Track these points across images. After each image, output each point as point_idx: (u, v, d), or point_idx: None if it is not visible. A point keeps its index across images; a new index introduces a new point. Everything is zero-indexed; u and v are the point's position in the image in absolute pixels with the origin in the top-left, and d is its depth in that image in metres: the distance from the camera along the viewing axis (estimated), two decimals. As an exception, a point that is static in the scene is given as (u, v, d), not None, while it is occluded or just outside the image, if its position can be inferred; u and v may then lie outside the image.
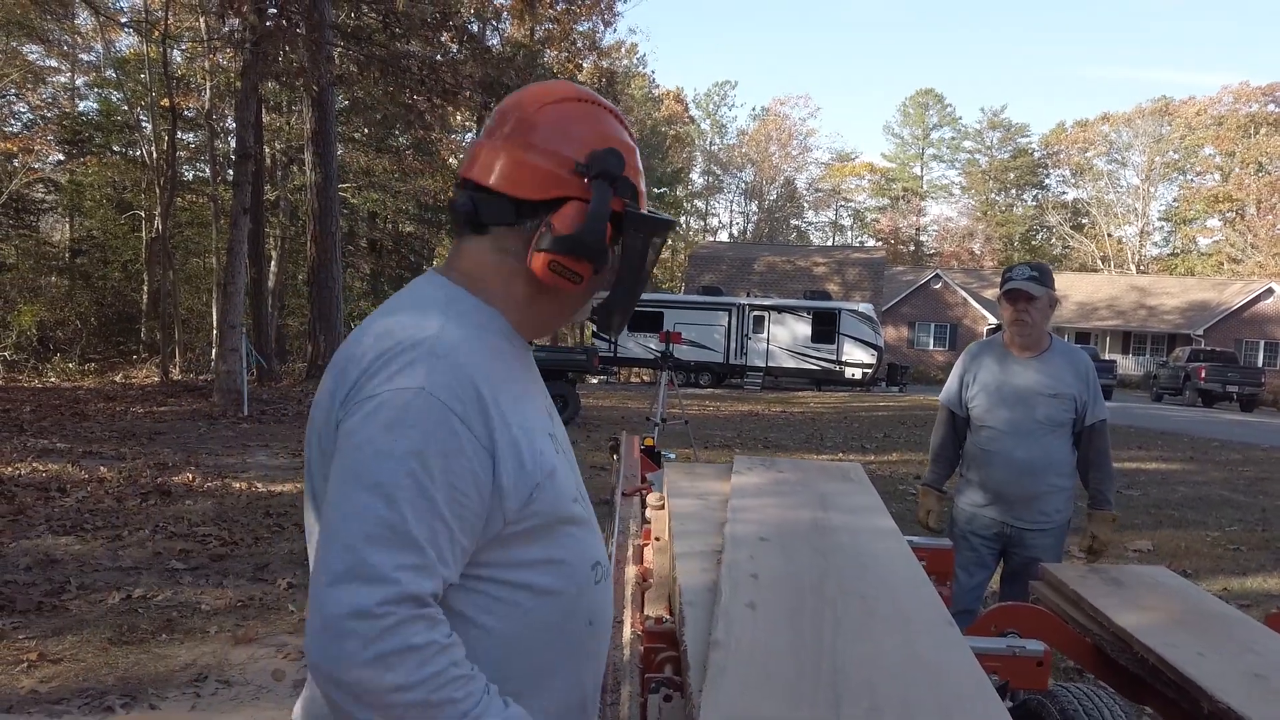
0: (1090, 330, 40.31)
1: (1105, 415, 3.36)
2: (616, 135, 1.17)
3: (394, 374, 1.01)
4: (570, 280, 1.11)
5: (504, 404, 1.05)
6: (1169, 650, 2.09)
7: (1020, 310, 3.26)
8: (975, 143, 63.94)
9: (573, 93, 1.17)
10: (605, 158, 1.12)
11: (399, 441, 0.97)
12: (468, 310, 1.12)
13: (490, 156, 1.13)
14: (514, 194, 1.11)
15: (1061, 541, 3.45)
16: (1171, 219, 57.15)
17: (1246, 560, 6.62)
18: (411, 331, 1.05)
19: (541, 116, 1.14)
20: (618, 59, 40.52)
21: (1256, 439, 15.39)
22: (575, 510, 1.15)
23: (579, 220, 1.10)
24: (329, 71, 12.53)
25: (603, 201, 1.11)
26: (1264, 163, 47.06)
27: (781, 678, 1.40)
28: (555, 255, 1.10)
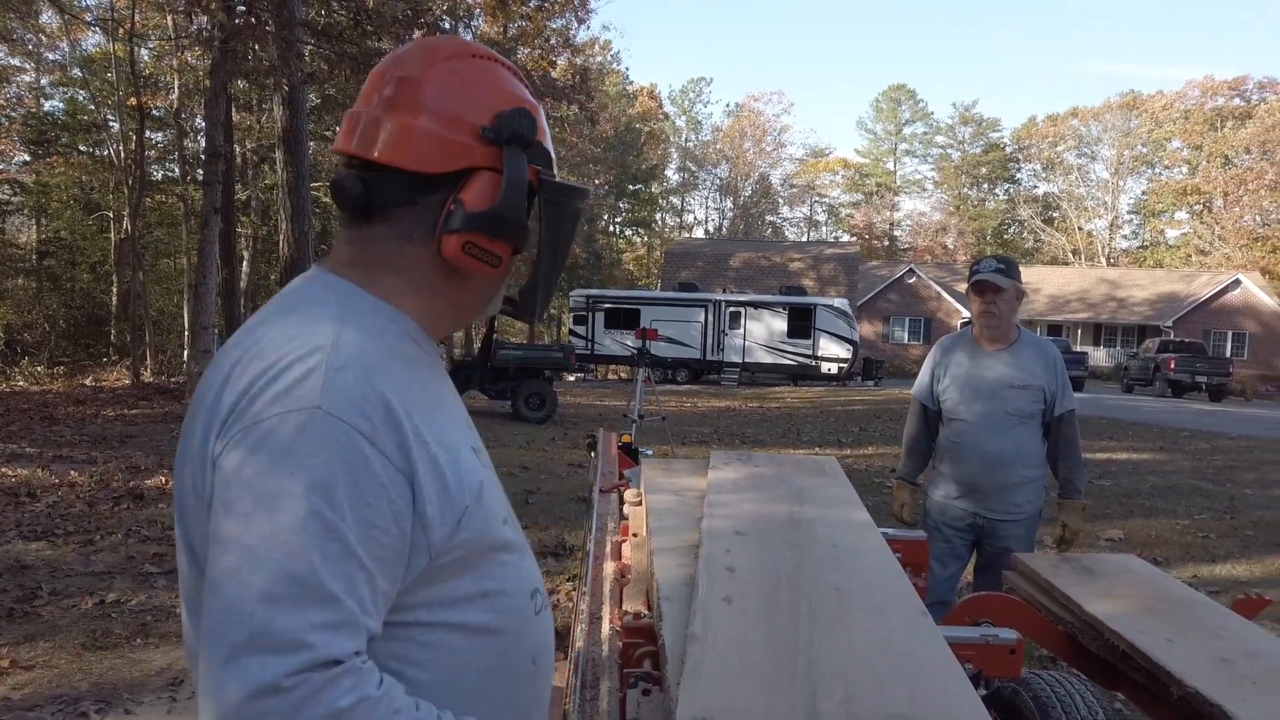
0: (1062, 323, 40.75)
1: (1074, 406, 3.39)
2: (520, 94, 1.02)
3: (281, 394, 0.84)
4: (487, 263, 0.97)
5: (419, 418, 0.90)
6: (1139, 637, 2.13)
7: (988, 302, 3.30)
8: (947, 138, 64.46)
9: (463, 48, 1.01)
10: (515, 119, 0.97)
11: (296, 474, 0.80)
12: (366, 311, 0.96)
13: (372, 126, 0.96)
14: (409, 168, 0.95)
15: (1033, 532, 3.49)
16: (1140, 212, 57.88)
17: (1215, 547, 6.73)
18: (299, 341, 0.88)
19: (431, 76, 0.97)
20: (592, 56, 40.45)
21: (1224, 428, 15.63)
22: (506, 534, 1.00)
23: (494, 193, 0.96)
24: (299, 69, 12.40)
25: (519, 170, 0.96)
26: (1230, 156, 47.76)
27: (757, 670, 1.41)
28: (470, 235, 0.95)
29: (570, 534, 6.22)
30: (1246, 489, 9.31)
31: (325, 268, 1.02)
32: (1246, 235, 45.87)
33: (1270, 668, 1.99)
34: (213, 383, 0.91)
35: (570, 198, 1.03)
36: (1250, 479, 9.99)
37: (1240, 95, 51.36)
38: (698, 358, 26.28)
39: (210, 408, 0.89)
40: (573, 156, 36.41)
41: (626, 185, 49.61)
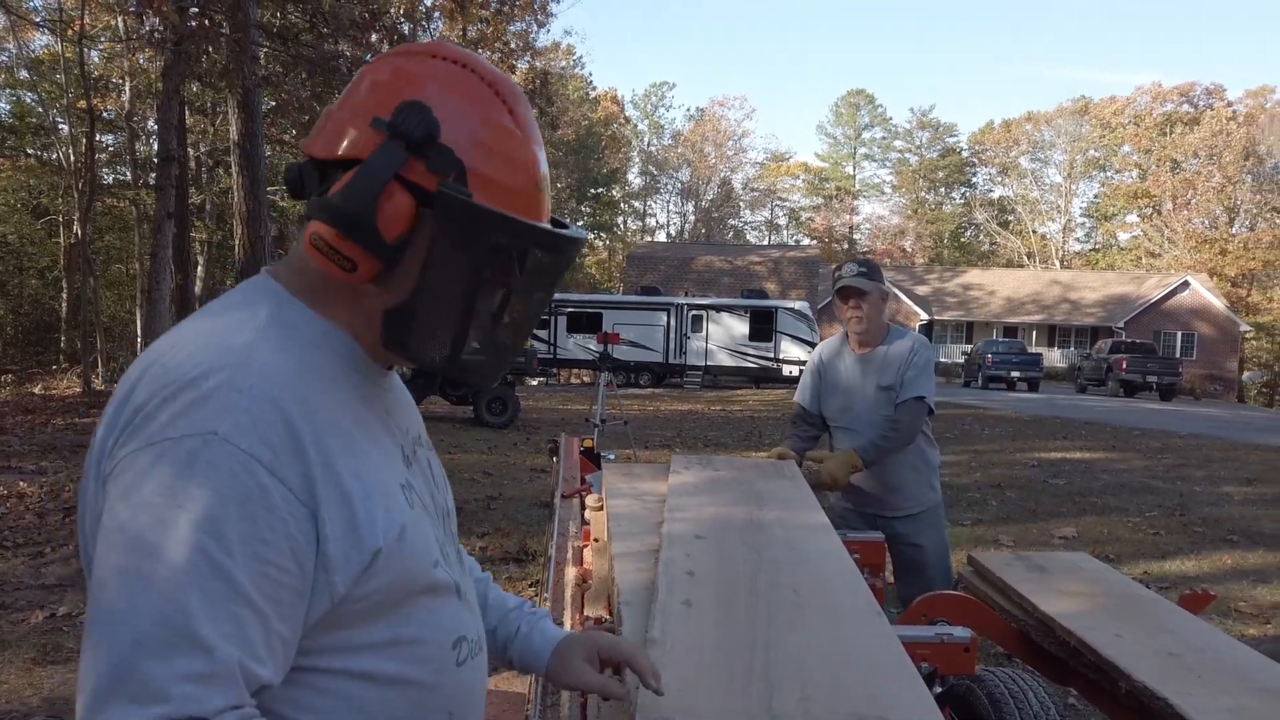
0: (1016, 324, 41.45)
1: (920, 394, 3.27)
2: (449, 94, 0.87)
3: (177, 415, 0.77)
4: (337, 264, 0.85)
5: (333, 447, 0.83)
6: (1089, 633, 2.18)
7: (853, 307, 3.32)
8: (905, 142, 65.31)
9: (428, 48, 0.91)
10: (404, 110, 0.84)
11: (185, 506, 0.74)
12: (296, 323, 0.88)
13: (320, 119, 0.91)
14: (312, 154, 0.88)
15: (938, 524, 3.47)
16: (1093, 215, 59.13)
17: (1165, 544, 6.88)
18: (207, 354, 0.81)
19: (375, 68, 0.91)
20: (553, 60, 40.39)
21: (1175, 427, 15.99)
22: (435, 577, 0.91)
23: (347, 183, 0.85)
24: (254, 72, 12.25)
25: (378, 161, 0.83)
26: (1178, 160, 48.92)
27: (716, 672, 1.43)
28: (316, 225, 0.84)
29: (532, 539, 6.20)
30: (1195, 486, 9.54)
31: (271, 269, 0.94)
32: (1195, 238, 47.00)
33: (1215, 661, 2.05)
34: (125, 383, 0.84)
35: (478, 224, 0.85)
36: (1199, 476, 10.23)
37: (1188, 101, 52.70)
38: (660, 361, 26.35)
39: (114, 413, 0.83)
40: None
41: (588, 189, 49.63)
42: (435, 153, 0.85)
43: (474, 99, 0.88)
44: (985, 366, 28.83)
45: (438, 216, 0.85)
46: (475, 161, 0.86)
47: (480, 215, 0.85)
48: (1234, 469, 10.88)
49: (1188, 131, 49.13)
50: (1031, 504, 8.19)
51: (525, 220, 0.87)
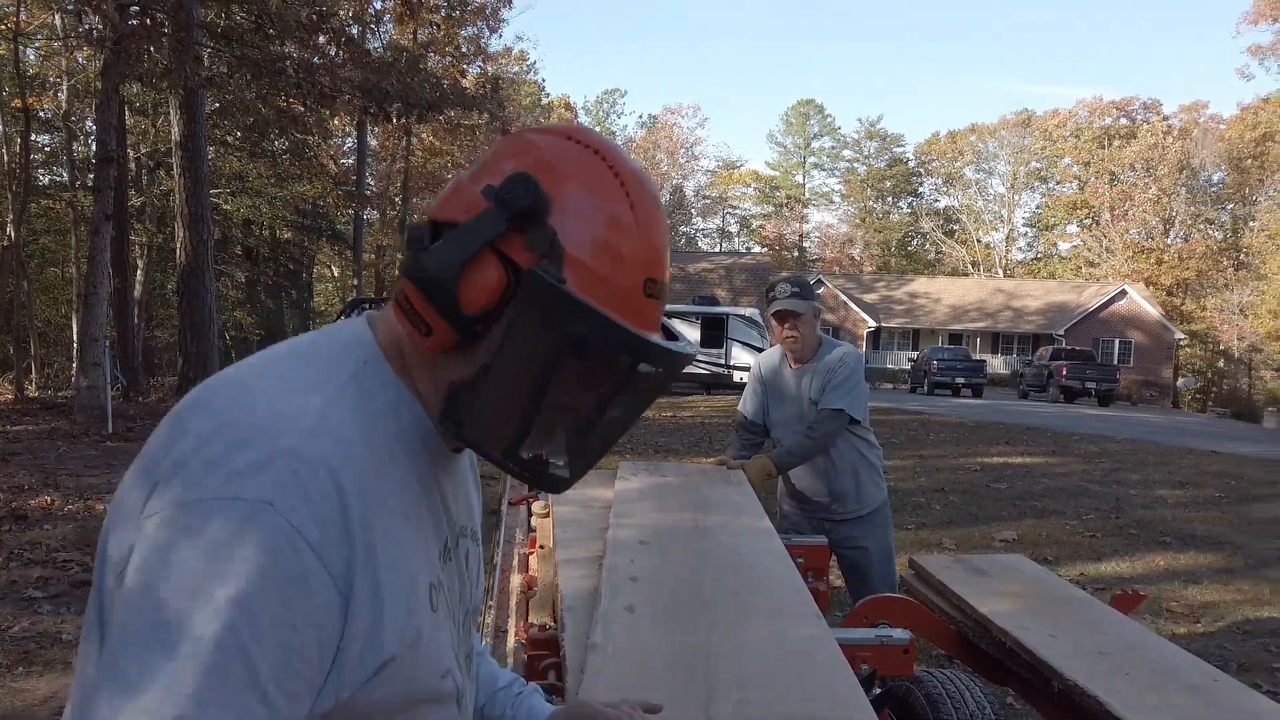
0: (961, 332, 42.23)
1: (838, 406, 3.31)
2: (570, 175, 0.81)
3: (235, 474, 0.71)
4: (415, 325, 0.80)
5: (377, 531, 0.77)
6: (1023, 633, 2.23)
7: (789, 328, 3.38)
8: (854, 152, 66.23)
9: (565, 129, 0.85)
10: (512, 180, 0.79)
11: (223, 578, 0.68)
12: (374, 387, 0.81)
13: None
14: (429, 214, 0.84)
15: (885, 526, 3.54)
16: (1035, 225, 60.52)
17: (1101, 546, 7.06)
18: (276, 407, 0.75)
19: (506, 140, 0.87)
20: (506, 65, 40.25)
21: (1112, 432, 16.42)
22: (442, 688, 0.85)
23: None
24: (197, 73, 12.01)
25: (474, 228, 0.78)
26: (1116, 172, 50.30)
27: (657, 676, 1.44)
28: (406, 283, 0.80)
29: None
30: (1131, 490, 9.81)
31: (372, 315, 0.88)
32: (1132, 248, 48.35)
33: (1144, 659, 2.11)
34: (176, 421, 0.77)
35: (564, 312, 0.76)
36: (1134, 480, 10.52)
37: (1126, 115, 54.25)
38: (611, 367, 26.33)
39: (158, 452, 0.75)
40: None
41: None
42: (536, 229, 0.78)
43: (594, 184, 0.81)
44: (931, 373, 29.33)
45: (523, 296, 0.77)
46: (578, 248, 0.79)
47: (568, 303, 0.76)
48: (1168, 473, 11.20)
49: (1125, 145, 50.56)
50: (974, 508, 8.34)
51: (619, 320, 0.78)
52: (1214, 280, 45.64)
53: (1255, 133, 44.56)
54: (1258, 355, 41.80)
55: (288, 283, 26.98)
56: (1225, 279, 44.74)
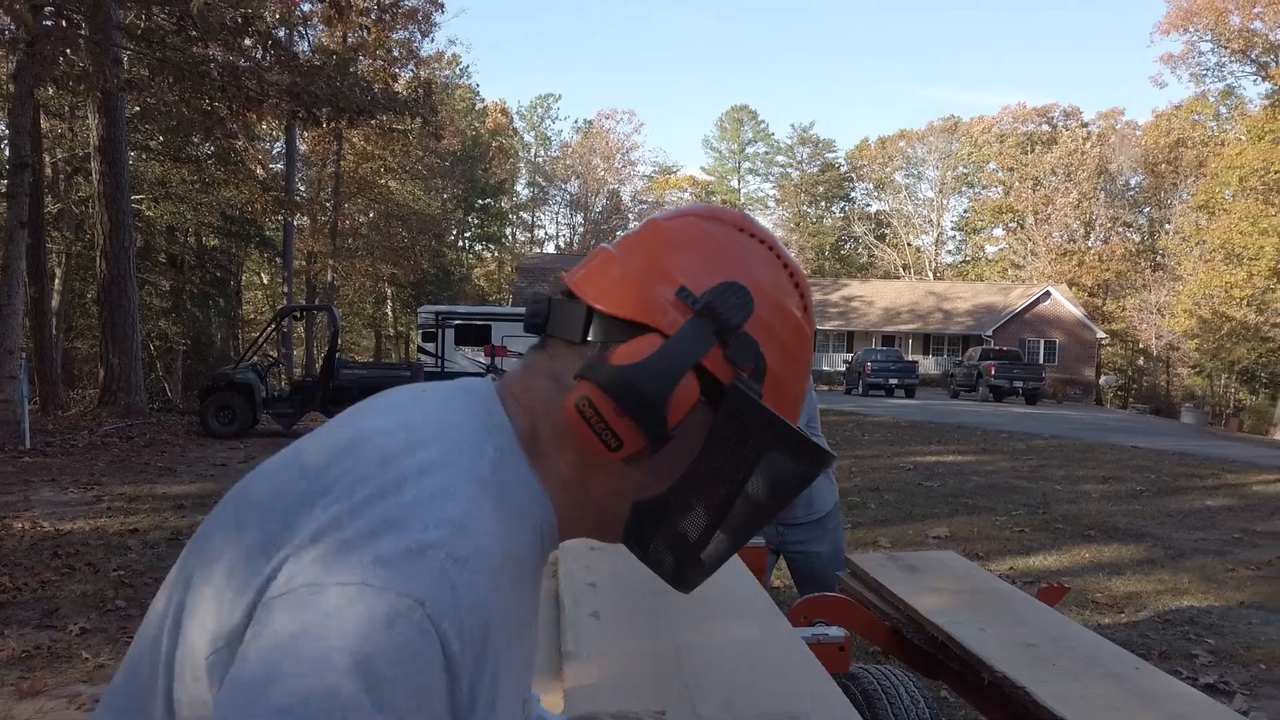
0: (894, 333, 43.05)
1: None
2: (769, 286, 0.78)
3: (383, 559, 0.62)
4: (599, 436, 0.72)
5: (503, 651, 0.69)
6: (954, 628, 2.28)
7: None
8: (787, 157, 67.13)
9: (741, 220, 0.81)
10: (723, 290, 0.74)
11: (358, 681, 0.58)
12: (512, 485, 0.73)
13: (598, 258, 0.80)
14: (589, 299, 0.76)
15: (836, 530, 3.57)
16: (963, 229, 62.05)
17: (1029, 541, 7.26)
18: (428, 494, 0.67)
19: (673, 225, 0.80)
20: (438, 70, 39.86)
21: (1039, 429, 16.90)
22: None
23: (645, 355, 0.72)
24: (117, 76, 11.63)
25: (689, 343, 0.72)
26: (1039, 178, 51.84)
27: (641, 679, 1.47)
28: (592, 389, 0.72)
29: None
30: (1057, 485, 10.10)
31: (502, 389, 0.80)
32: (1055, 251, 49.85)
33: (1069, 650, 2.17)
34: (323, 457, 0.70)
35: (767, 434, 0.74)
36: (1060, 476, 10.84)
37: (1048, 121, 55.95)
38: (550, 373, 26.18)
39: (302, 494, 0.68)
40: (419, 170, 35.72)
41: (475, 199, 49.12)
42: (739, 342, 0.74)
43: (776, 285, 0.78)
44: (865, 374, 29.84)
45: (725, 413, 0.74)
46: (772, 357, 0.76)
47: (768, 421, 0.74)
48: (1092, 468, 11.58)
49: (1047, 150, 52.14)
50: (908, 506, 8.51)
51: (804, 433, 0.76)
52: (1133, 281, 47.29)
53: (1169, 138, 46.35)
54: (1175, 353, 43.46)
55: (215, 291, 26.27)
56: (1143, 280, 46.39)
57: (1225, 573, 6.41)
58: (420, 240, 33.77)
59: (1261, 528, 8.08)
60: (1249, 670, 4.47)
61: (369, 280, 33.26)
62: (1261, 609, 5.53)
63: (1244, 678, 4.35)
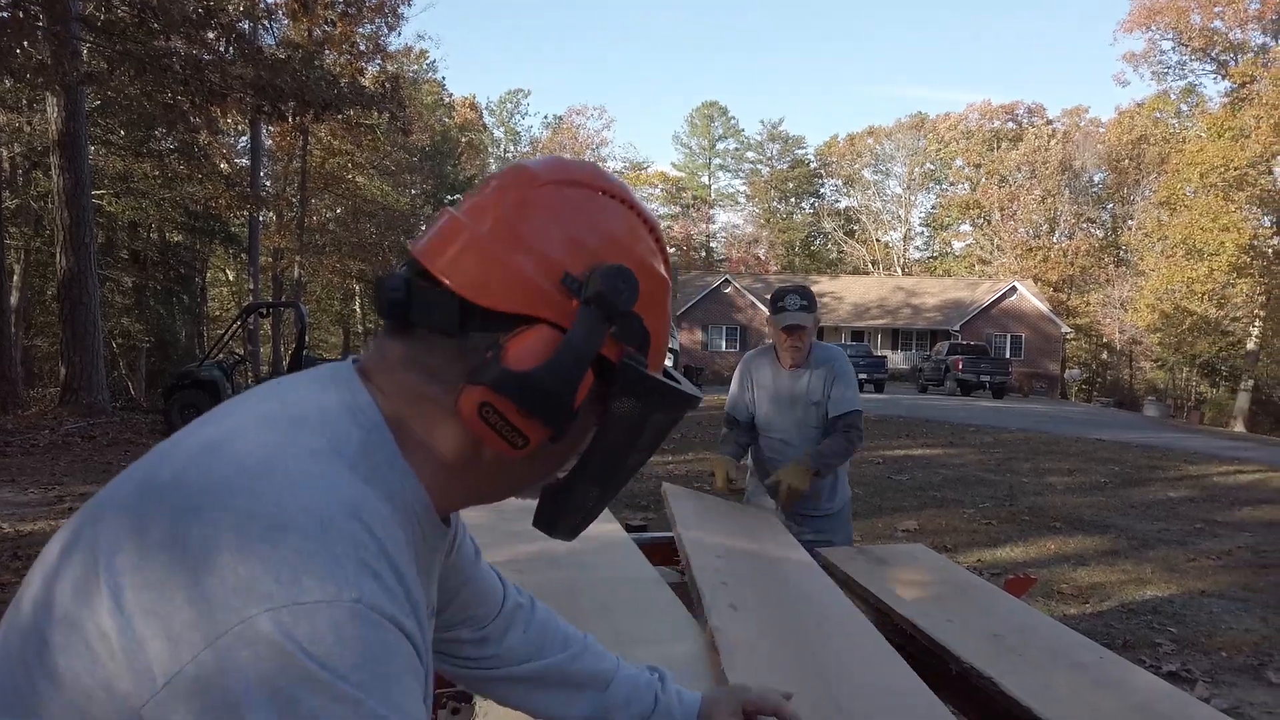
0: (863, 329, 43.38)
1: (852, 409, 3.45)
2: (640, 253, 0.77)
3: (297, 572, 0.59)
4: (506, 439, 0.72)
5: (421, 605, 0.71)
6: (922, 619, 2.29)
7: (796, 340, 3.43)
8: (757, 154, 67.33)
9: (597, 180, 0.79)
10: (612, 277, 0.73)
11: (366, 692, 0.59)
12: (381, 465, 0.71)
13: (450, 232, 0.75)
14: (462, 290, 0.72)
15: (848, 522, 3.68)
16: (930, 224, 62.62)
17: (996, 533, 7.34)
18: (309, 492, 0.64)
19: (541, 196, 0.76)
20: (406, 64, 39.53)
21: (1005, 423, 17.10)
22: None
23: (545, 354, 0.71)
24: (76, 68, 11.41)
25: (588, 336, 0.72)
26: (1005, 174, 52.42)
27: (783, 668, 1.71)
28: (495, 395, 0.70)
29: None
30: (1023, 478, 10.23)
31: (364, 373, 0.77)
32: (1021, 246, 50.46)
33: (1035, 641, 2.20)
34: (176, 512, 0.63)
35: (657, 401, 0.76)
36: (1026, 468, 10.98)
37: (1013, 119, 56.62)
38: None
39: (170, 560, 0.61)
40: (387, 165, 35.41)
41: (444, 195, 48.78)
42: (627, 322, 0.74)
43: (645, 248, 0.78)
44: (835, 369, 29.97)
45: (617, 390, 0.75)
46: (652, 324, 0.77)
47: (655, 388, 0.75)
48: (1057, 460, 11.74)
49: (1012, 147, 52.74)
50: (877, 500, 8.57)
51: (680, 389, 0.78)
52: (1096, 276, 47.98)
53: (1131, 135, 47.05)
54: (1137, 347, 44.18)
55: (179, 288, 25.88)
56: (1107, 275, 47.09)
57: (1187, 562, 6.52)
58: (389, 236, 33.48)
59: (1222, 518, 8.23)
60: (1210, 658, 4.55)
61: (337, 276, 32.93)
62: (1222, 598, 5.63)
63: (1206, 665, 4.43)
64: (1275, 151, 30.63)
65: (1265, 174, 31.39)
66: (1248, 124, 30.47)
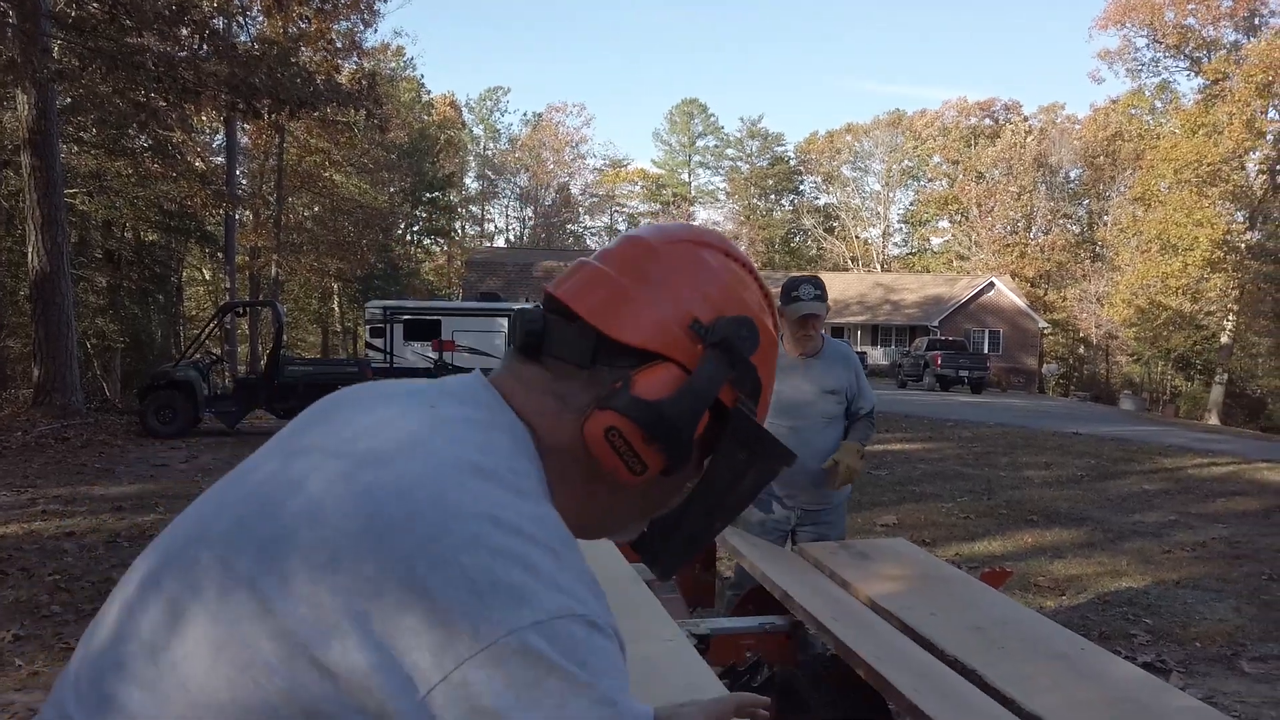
0: (843, 325, 43.57)
1: (873, 404, 3.67)
2: (758, 310, 0.85)
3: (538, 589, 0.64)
4: (627, 464, 0.77)
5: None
6: (906, 612, 2.30)
7: (810, 329, 3.50)
8: (737, 150, 67.42)
9: (725, 243, 0.88)
10: (736, 326, 0.80)
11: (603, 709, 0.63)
12: (545, 494, 0.76)
13: (592, 278, 0.82)
14: (602, 327, 0.78)
15: (844, 517, 3.74)
16: (909, 221, 62.95)
17: (975, 526, 7.39)
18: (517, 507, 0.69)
19: (672, 250, 0.84)
20: (383, 61, 39.26)
21: (984, 417, 17.22)
22: None
23: (671, 388, 0.77)
24: (46, 66, 11.24)
25: (712, 377, 0.78)
26: (982, 171, 52.77)
27: None
28: (622, 420, 0.76)
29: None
30: (1001, 472, 10.31)
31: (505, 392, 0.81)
32: (998, 242, 50.82)
33: (1015, 632, 2.21)
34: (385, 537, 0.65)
35: (761, 448, 0.81)
36: (1004, 462, 11.06)
37: (990, 115, 56.99)
38: (501, 368, 25.92)
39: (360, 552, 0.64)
40: (365, 163, 35.18)
41: (423, 193, 48.52)
42: (745, 371, 0.81)
43: (760, 308, 0.86)
44: (815, 366, 30.05)
45: (730, 434, 0.81)
46: (763, 377, 0.83)
47: (763, 437, 0.81)
48: (1034, 454, 11.83)
49: (989, 144, 53.08)
50: (857, 494, 8.57)
51: (781, 444, 0.83)
52: (1073, 272, 48.40)
53: (1106, 132, 47.48)
54: (1114, 342, 44.63)
55: (154, 287, 25.56)
56: (1083, 270, 47.52)
57: (1162, 554, 6.59)
58: (367, 234, 33.25)
59: (1196, 510, 8.33)
60: (1185, 648, 4.60)
61: (315, 275, 32.65)
62: (1196, 588, 5.69)
63: (1180, 656, 4.48)
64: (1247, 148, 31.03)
65: (1238, 169, 31.79)
66: (1220, 120, 30.83)
